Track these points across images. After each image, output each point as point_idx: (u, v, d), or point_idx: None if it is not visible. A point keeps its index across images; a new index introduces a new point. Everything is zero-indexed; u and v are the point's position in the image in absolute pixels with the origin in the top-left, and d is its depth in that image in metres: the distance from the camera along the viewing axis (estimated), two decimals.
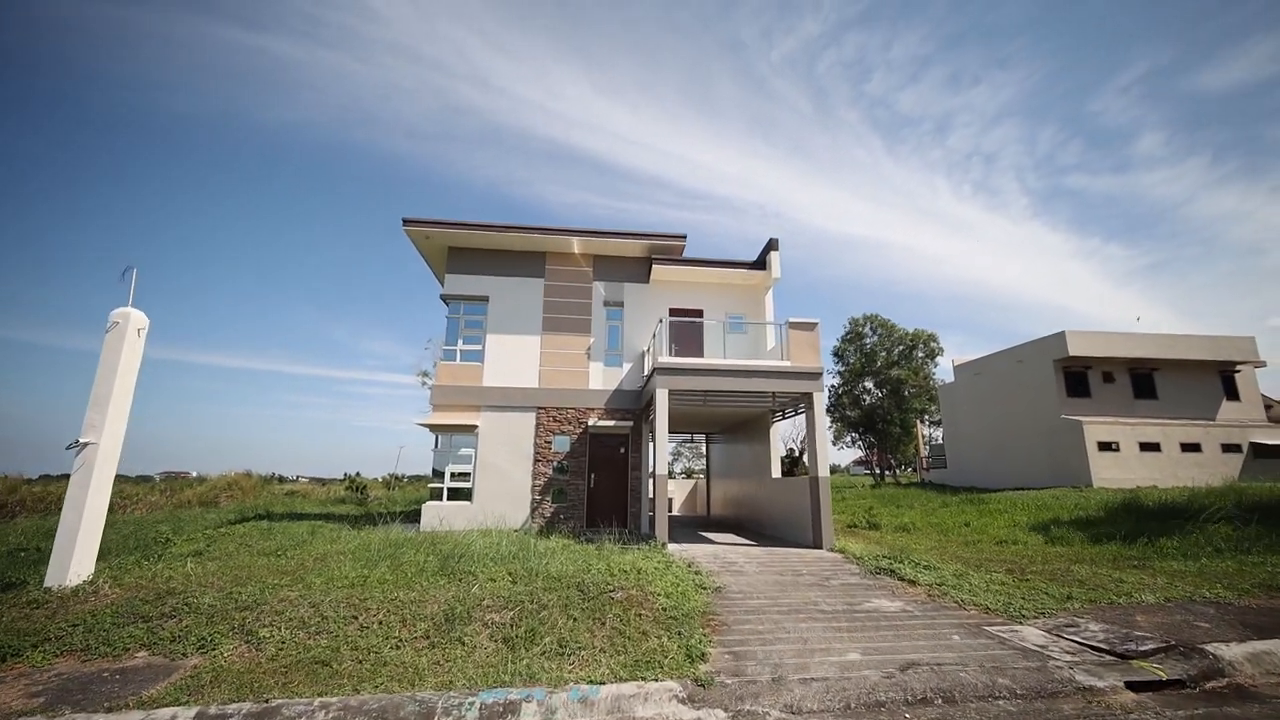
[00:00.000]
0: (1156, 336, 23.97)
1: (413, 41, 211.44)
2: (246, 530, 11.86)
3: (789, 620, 5.68)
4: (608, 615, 5.36)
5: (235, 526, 12.85)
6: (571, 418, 13.40)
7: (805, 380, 10.72)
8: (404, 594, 5.91)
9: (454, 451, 12.99)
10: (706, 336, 13.83)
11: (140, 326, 7.21)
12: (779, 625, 5.52)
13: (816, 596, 6.61)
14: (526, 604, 5.57)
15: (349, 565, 7.22)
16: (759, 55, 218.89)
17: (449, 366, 13.46)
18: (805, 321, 11.05)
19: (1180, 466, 22.06)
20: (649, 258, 14.22)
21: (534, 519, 12.78)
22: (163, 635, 4.97)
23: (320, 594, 5.89)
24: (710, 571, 7.82)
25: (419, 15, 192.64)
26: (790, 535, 11.45)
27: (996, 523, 14.36)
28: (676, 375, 10.61)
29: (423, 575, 6.70)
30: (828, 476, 10.37)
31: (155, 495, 26.36)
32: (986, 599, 6.31)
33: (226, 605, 5.53)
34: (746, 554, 9.60)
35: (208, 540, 10.39)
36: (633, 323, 14.18)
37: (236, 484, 28.19)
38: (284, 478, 46.56)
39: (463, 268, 14.00)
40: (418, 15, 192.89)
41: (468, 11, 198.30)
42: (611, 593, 5.82)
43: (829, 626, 5.48)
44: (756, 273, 14.13)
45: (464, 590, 6.02)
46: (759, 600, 6.42)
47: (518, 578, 6.47)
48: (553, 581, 6.24)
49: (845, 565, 8.55)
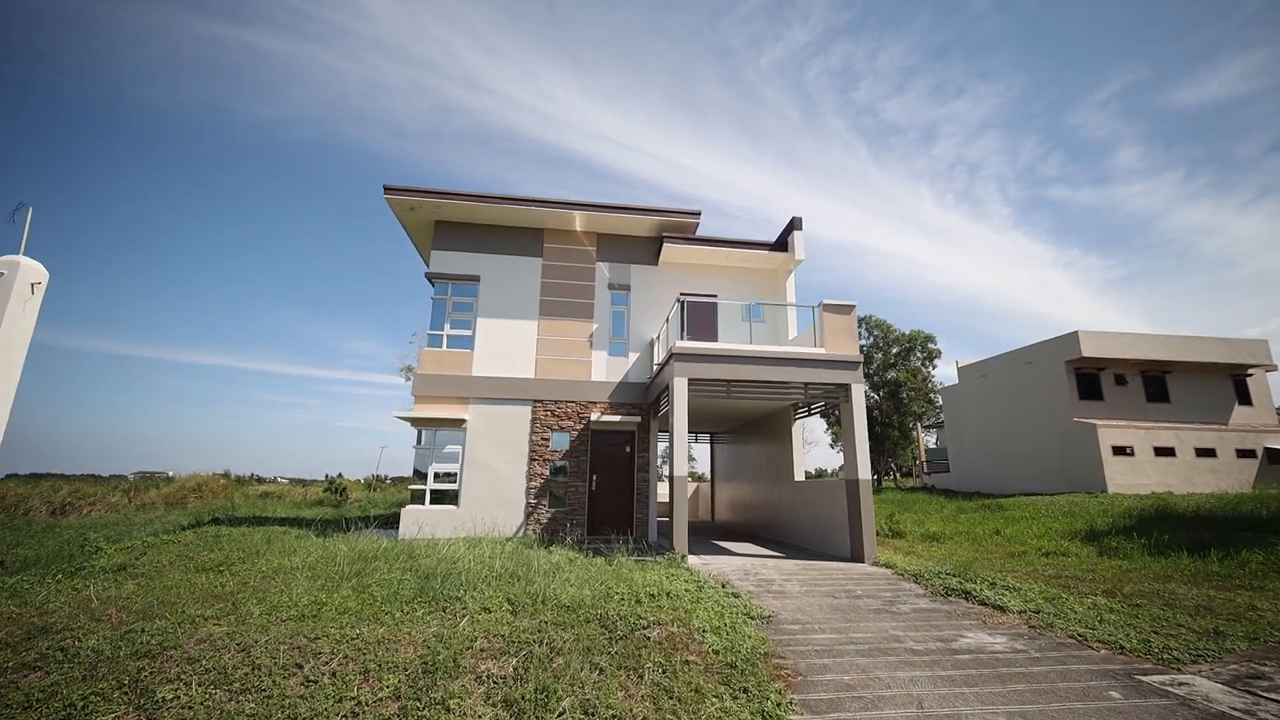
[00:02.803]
0: (1170, 338, 23.25)
1: (401, 40, 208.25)
2: (194, 538, 10.26)
3: (878, 666, 4.34)
4: (645, 663, 3.97)
5: (184, 533, 11.21)
6: (571, 412, 11.97)
7: (843, 370, 9.43)
8: (369, 630, 4.46)
9: (439, 449, 11.49)
10: (721, 324, 12.50)
11: (36, 280, 5.66)
12: (868, 675, 4.17)
13: (894, 629, 5.28)
14: (534, 647, 4.15)
15: (302, 587, 5.73)
16: (747, 62, 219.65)
17: (434, 354, 11.96)
18: (842, 304, 9.77)
19: (1195, 472, 21.33)
20: (659, 237, 12.86)
21: (528, 526, 11.31)
22: (11, 701, 3.47)
23: (257, 630, 4.41)
24: (748, 592, 6.46)
25: (407, 14, 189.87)
26: (821, 546, 10.14)
27: (1030, 531, 13.22)
28: (697, 362, 9.25)
29: (396, 602, 5.24)
30: (869, 479, 9.08)
31: (116, 496, 24.45)
32: (1109, 633, 5.03)
33: (120, 650, 4.03)
34: (779, 568, 8.27)
35: (142, 550, 8.80)
36: (640, 308, 12.81)
37: (207, 485, 26.47)
38: (261, 478, 44.47)
39: (451, 244, 12.52)
40: (406, 14, 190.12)
41: (456, 11, 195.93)
42: (645, 630, 4.42)
43: (936, 676, 4.14)
44: (777, 255, 12.84)
45: (449, 625, 4.58)
46: (825, 635, 5.08)
47: (519, 606, 5.04)
48: (566, 613, 4.82)
49: (902, 584, 7.24)
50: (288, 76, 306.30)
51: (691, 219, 12.54)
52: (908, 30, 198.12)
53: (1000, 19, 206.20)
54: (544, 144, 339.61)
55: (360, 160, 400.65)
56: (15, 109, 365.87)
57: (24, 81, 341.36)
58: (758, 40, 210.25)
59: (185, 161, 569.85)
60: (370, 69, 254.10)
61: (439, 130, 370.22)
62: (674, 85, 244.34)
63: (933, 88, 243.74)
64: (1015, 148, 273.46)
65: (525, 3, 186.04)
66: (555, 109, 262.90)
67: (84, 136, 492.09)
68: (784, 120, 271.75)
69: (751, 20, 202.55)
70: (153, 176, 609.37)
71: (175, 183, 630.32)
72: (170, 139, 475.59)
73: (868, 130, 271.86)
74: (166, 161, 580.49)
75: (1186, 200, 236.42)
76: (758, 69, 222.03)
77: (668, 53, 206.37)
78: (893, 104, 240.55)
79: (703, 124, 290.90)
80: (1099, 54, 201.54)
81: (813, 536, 10.52)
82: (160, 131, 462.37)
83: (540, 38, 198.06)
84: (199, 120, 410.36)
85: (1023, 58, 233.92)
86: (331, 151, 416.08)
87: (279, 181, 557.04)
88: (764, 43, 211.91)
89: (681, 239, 12.52)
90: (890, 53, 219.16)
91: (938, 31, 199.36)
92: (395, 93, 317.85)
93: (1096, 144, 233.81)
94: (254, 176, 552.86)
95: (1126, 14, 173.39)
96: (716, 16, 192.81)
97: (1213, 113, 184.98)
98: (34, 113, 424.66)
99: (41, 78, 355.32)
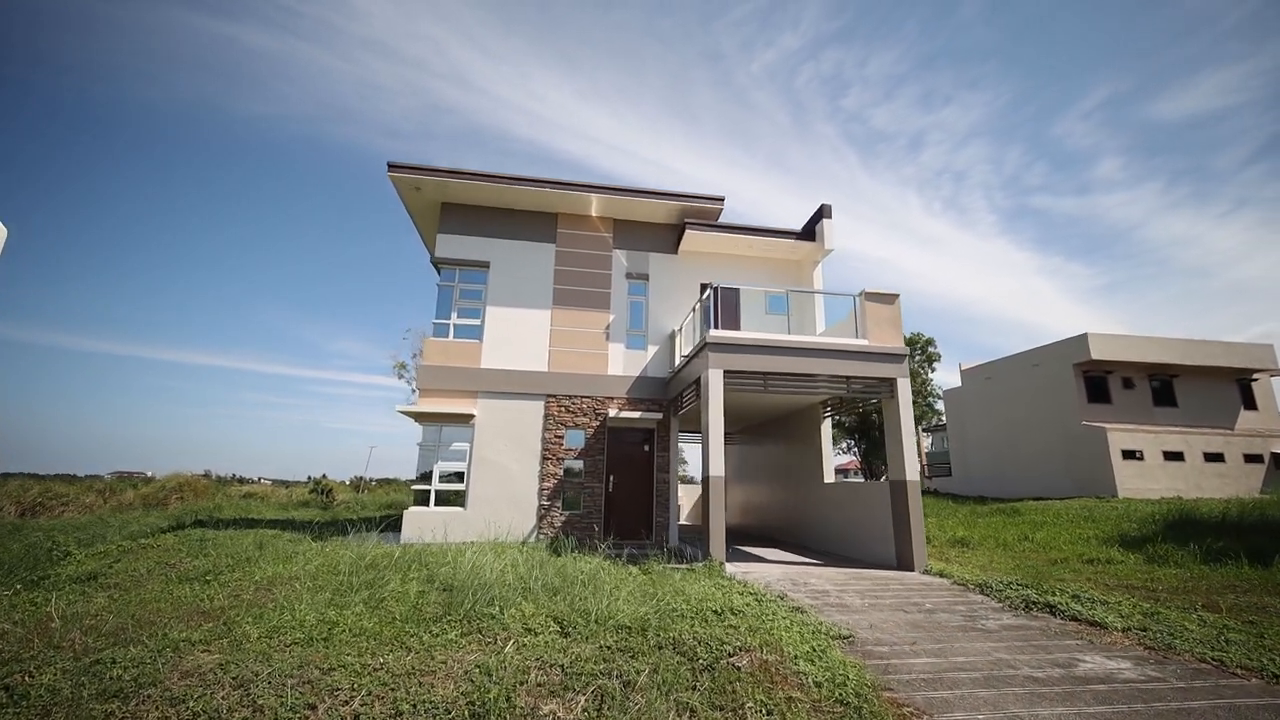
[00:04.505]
0: (1177, 341, 23.09)
1: (392, 38, 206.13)
2: (176, 541, 9.32)
3: (1006, 700, 3.64)
4: (744, 701, 3.23)
5: (165, 536, 10.25)
6: (587, 408, 11.20)
7: (888, 363, 8.79)
8: (394, 658, 3.67)
9: (444, 447, 10.65)
10: (745, 316, 11.80)
11: None
12: (1003, 712, 3.47)
13: (995, 651, 4.60)
14: (602, 681, 3.39)
15: (306, 601, 4.91)
16: (739, 66, 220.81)
17: (440, 344, 11.12)
18: (885, 293, 9.13)
19: (1204, 477, 21.16)
20: (680, 224, 12.15)
21: (541, 529, 10.51)
22: None
23: (256, 659, 3.60)
24: (810, 606, 5.75)
25: (399, 12, 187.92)
26: (855, 551, 9.48)
27: (1061, 537, 12.69)
28: (733, 353, 8.54)
29: (420, 621, 4.44)
30: (917, 480, 8.43)
31: (91, 496, 23.18)
32: (1245, 656, 4.38)
33: (84, 689, 3.20)
34: (827, 577, 7.57)
35: (117, 556, 7.86)
36: (659, 299, 12.08)
37: (188, 485, 25.27)
38: (244, 479, 42.99)
39: (459, 227, 11.70)
40: (398, 12, 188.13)
41: (449, 10, 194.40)
42: (731, 657, 3.68)
43: (1081, 715, 3.46)
44: (803, 244, 12.18)
45: (492, 652, 3.80)
46: (922, 659, 4.38)
47: (569, 626, 4.27)
48: (628, 635, 4.06)
49: (969, 596, 6.58)
50: (279, 74, 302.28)
51: (715, 204, 11.85)
52: (897, 38, 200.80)
53: (987, 29, 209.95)
54: (536, 145, 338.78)
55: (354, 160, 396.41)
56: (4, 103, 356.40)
57: (13, 78, 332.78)
58: (749, 45, 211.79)
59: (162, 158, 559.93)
60: (363, 68, 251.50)
61: (431, 129, 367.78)
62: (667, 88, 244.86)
63: (921, 96, 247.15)
64: (1001, 156, 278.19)
65: (518, 4, 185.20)
66: (548, 110, 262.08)
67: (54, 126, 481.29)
68: (775, 125, 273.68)
69: (743, 25, 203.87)
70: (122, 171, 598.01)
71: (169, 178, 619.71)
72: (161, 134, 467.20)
73: (857, 137, 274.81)
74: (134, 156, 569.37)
75: (1166, 210, 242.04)
76: (749, 74, 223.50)
77: (661, 55, 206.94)
78: (881, 111, 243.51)
79: (694, 127, 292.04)
80: (1082, 66, 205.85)
81: (845, 541, 9.85)
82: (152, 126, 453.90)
83: (533, 39, 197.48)
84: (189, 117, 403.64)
85: (1009, 67, 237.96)
86: (325, 150, 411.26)
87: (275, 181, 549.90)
88: (755, 48, 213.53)
89: (704, 225, 11.82)
90: (880, 60, 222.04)
91: (926, 40, 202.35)
92: (388, 92, 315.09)
93: (1079, 154, 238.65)
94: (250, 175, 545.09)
95: (1110, 27, 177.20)
96: (708, 20, 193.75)
97: (1192, 126, 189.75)
98: (6, 105, 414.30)
99: (31, 74, 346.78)
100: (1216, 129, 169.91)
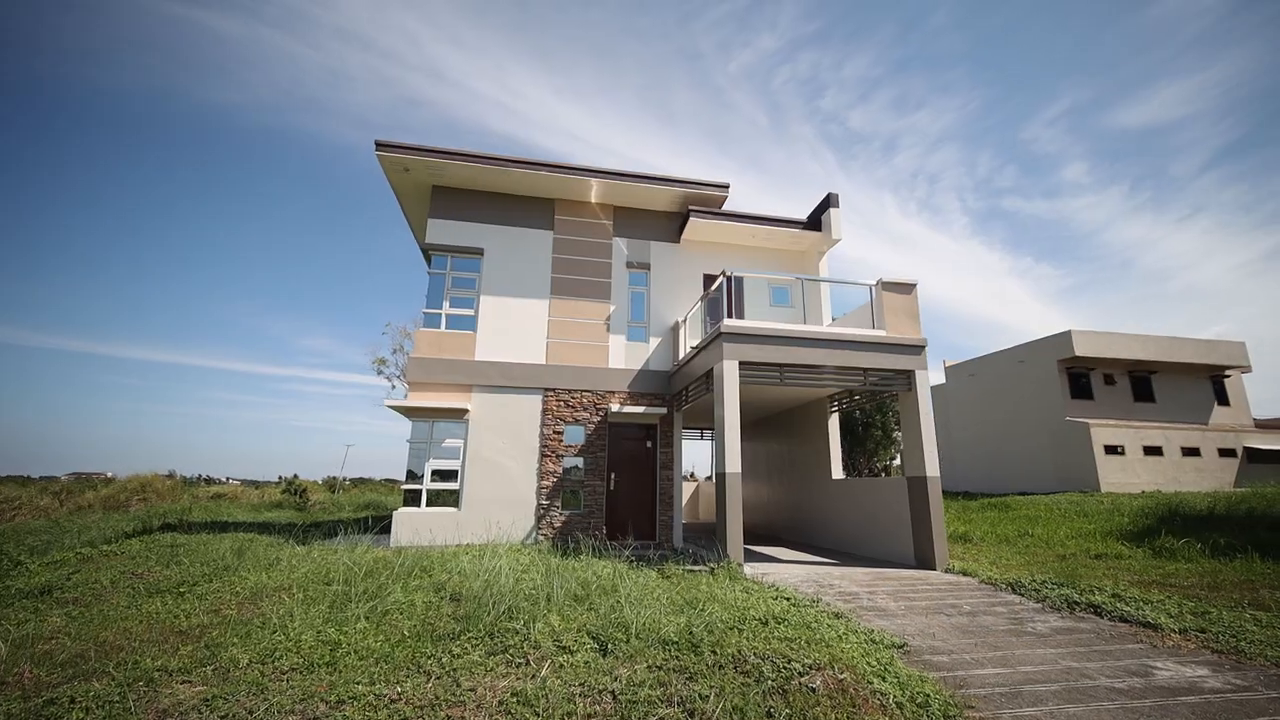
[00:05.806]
0: (1156, 339, 23.61)
1: (362, 28, 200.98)
2: (143, 548, 8.56)
3: (1104, 717, 3.30)
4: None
5: (130, 541, 9.43)
6: (587, 403, 10.69)
7: (907, 354, 8.49)
8: (412, 686, 3.15)
9: (437, 443, 10.03)
10: (749, 307, 11.41)
11: None
12: None
13: (1060, 658, 4.28)
14: (664, 710, 2.94)
15: (300, 616, 4.33)
16: (717, 66, 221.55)
17: (432, 334, 10.48)
18: (902, 282, 8.83)
19: (1181, 471, 21.65)
20: (682, 212, 11.71)
21: (540, 530, 9.99)
22: None
23: (248, 692, 3.05)
24: (846, 611, 5.38)
25: (369, 1, 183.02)
26: (868, 549, 9.19)
27: (1059, 532, 12.65)
28: (748, 343, 8.14)
29: (433, 637, 3.92)
30: (937, 476, 8.16)
31: (46, 499, 21.77)
32: None
33: None
34: (848, 578, 7.23)
35: (75, 565, 7.10)
36: (660, 289, 11.62)
37: (150, 486, 23.93)
38: (211, 479, 41.20)
39: (451, 212, 11.06)
40: (367, 1, 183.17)
41: (421, 1, 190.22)
42: (802, 677, 3.26)
43: None
44: (809, 234, 11.85)
45: (525, 675, 3.31)
46: (988, 670, 4.03)
47: (607, 641, 3.79)
48: (676, 652, 3.61)
49: (1003, 595, 6.30)
50: (243, 59, 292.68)
51: (719, 192, 11.44)
52: (871, 42, 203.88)
53: (958, 35, 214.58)
54: (514, 140, 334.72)
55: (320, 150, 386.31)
56: None
57: None
58: (727, 45, 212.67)
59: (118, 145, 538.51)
60: (331, 56, 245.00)
61: (405, 122, 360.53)
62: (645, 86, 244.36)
63: (895, 99, 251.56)
64: (973, 159, 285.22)
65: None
66: (525, 106, 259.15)
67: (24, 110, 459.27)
68: (754, 126, 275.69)
69: (721, 25, 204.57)
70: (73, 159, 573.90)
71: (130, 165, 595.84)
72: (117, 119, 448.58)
73: (834, 138, 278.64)
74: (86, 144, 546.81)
75: (1129, 215, 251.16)
76: (727, 74, 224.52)
77: (639, 53, 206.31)
78: (857, 113, 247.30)
79: (671, 126, 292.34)
80: (1048, 74, 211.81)
81: (857, 539, 9.57)
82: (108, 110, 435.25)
83: (509, 32, 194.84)
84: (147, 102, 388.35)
85: (979, 73, 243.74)
86: (292, 140, 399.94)
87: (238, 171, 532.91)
88: (733, 48, 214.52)
89: (708, 214, 11.39)
90: (855, 64, 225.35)
91: (900, 45, 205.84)
92: (357, 82, 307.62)
93: (1047, 158, 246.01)
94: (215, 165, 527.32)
95: (1074, 38, 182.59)
96: (687, 20, 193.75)
97: (1152, 134, 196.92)
98: None
99: None
100: (1175, 137, 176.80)
